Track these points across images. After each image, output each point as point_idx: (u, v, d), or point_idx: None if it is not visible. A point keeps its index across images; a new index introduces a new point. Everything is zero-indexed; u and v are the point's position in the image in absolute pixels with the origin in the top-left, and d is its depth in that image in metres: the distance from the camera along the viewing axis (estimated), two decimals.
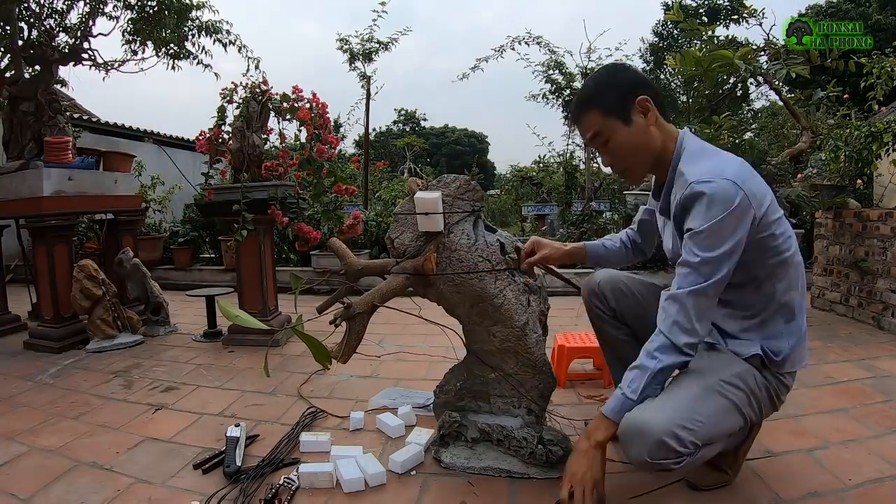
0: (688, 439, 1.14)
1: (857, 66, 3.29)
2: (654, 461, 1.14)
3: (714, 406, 1.20)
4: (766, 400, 1.29)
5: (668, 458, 1.14)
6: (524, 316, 1.46)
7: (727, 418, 1.22)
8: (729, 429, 1.24)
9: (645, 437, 1.13)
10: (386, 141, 23.17)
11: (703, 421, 1.16)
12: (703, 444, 1.17)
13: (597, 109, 1.28)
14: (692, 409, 1.17)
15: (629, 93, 1.25)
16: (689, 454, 1.15)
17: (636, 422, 1.17)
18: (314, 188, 2.99)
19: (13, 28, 3.29)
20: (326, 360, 1.33)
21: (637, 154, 1.29)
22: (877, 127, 3.25)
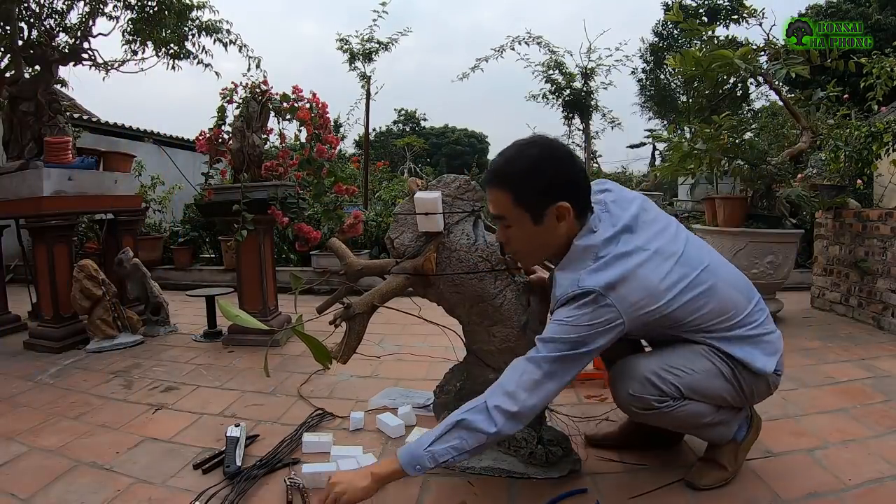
0: (671, 380, 1.25)
1: (857, 66, 3.29)
2: (636, 395, 1.26)
3: (699, 364, 1.28)
4: (755, 387, 1.34)
5: (651, 394, 1.25)
6: (524, 316, 1.46)
7: (713, 380, 1.28)
8: (716, 390, 1.29)
9: (631, 373, 1.28)
10: (386, 141, 23.16)
11: (688, 372, 1.26)
12: (687, 392, 1.26)
13: (509, 193, 1.19)
14: (678, 361, 1.28)
15: (551, 194, 1.18)
16: (673, 398, 1.26)
17: (626, 363, 1.31)
18: (314, 188, 2.99)
19: (13, 28, 3.29)
20: (327, 361, 1.33)
21: (536, 251, 1.29)
22: (877, 127, 3.25)
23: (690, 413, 1.29)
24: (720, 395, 1.31)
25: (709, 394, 1.30)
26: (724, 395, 1.31)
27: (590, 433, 1.72)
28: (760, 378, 1.33)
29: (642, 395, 1.26)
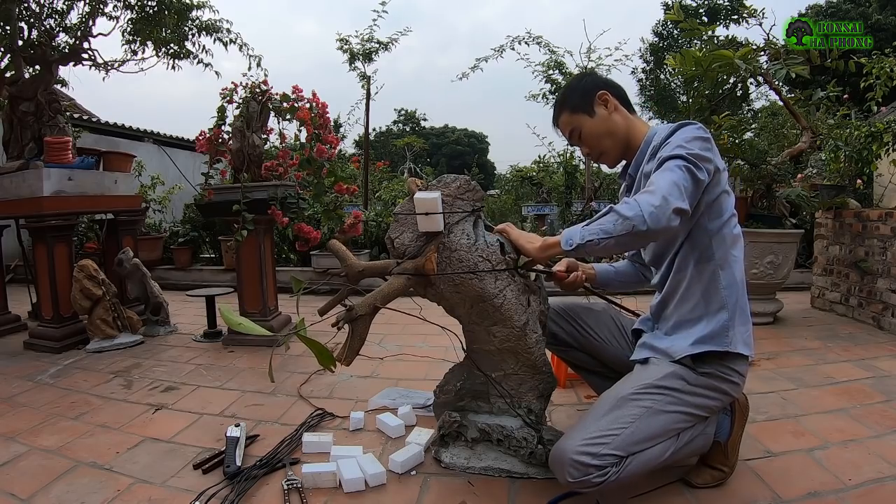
0: (603, 452, 1.19)
1: (857, 66, 3.29)
2: (574, 480, 1.19)
3: (629, 413, 1.24)
4: (712, 392, 1.30)
5: (588, 474, 1.18)
6: (524, 316, 1.46)
7: (652, 421, 1.24)
8: (662, 427, 1.25)
9: (561, 461, 1.21)
10: (386, 141, 23.17)
11: (617, 432, 1.21)
12: (626, 452, 1.21)
13: (566, 110, 1.47)
14: (602, 424, 1.23)
15: (590, 91, 1.43)
16: (613, 465, 1.20)
17: (554, 451, 1.26)
18: (314, 188, 2.99)
19: (13, 28, 3.29)
20: (330, 363, 1.33)
21: (604, 139, 1.44)
22: (877, 127, 3.25)
23: (643, 464, 1.23)
24: (668, 428, 1.26)
25: (653, 435, 1.24)
26: (672, 425, 1.27)
27: None
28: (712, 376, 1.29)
29: (580, 479, 1.19)
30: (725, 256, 1.32)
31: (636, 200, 1.16)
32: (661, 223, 1.13)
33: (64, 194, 2.95)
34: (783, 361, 2.49)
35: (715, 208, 1.31)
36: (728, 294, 1.31)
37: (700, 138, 1.25)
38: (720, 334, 1.29)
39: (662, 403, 1.26)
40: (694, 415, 1.30)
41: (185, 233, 5.71)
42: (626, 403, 1.26)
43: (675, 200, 1.14)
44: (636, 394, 1.27)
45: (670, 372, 1.29)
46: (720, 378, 1.30)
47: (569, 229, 1.26)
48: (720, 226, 1.32)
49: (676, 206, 1.14)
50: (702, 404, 1.30)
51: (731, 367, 1.31)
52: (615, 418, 1.24)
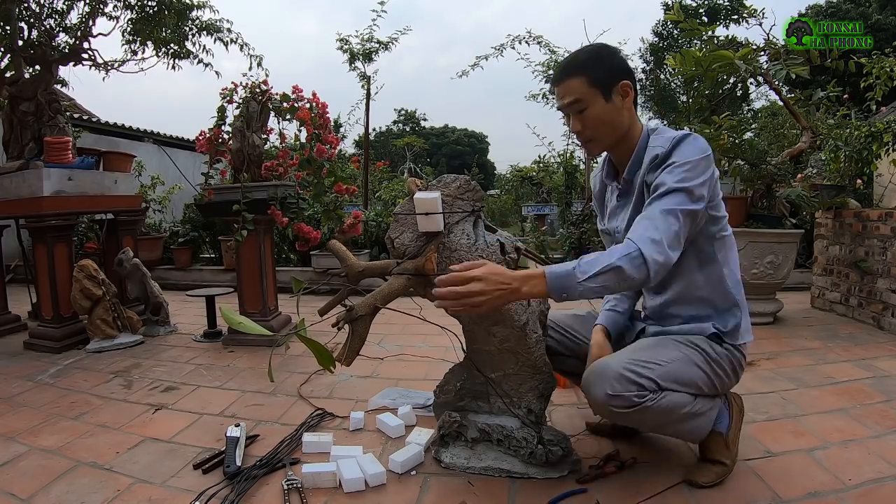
0: (647, 374, 1.25)
1: (857, 66, 3.29)
2: (615, 394, 1.23)
3: (671, 353, 1.32)
4: (728, 369, 1.38)
5: (630, 390, 1.23)
6: (524, 316, 1.46)
7: (686, 367, 1.31)
8: (691, 378, 1.31)
9: (605, 374, 1.25)
10: (386, 141, 23.18)
11: (660, 363, 1.28)
12: (664, 384, 1.26)
13: (584, 77, 1.34)
14: (648, 354, 1.30)
15: (618, 74, 1.35)
16: (653, 391, 1.25)
17: (598, 365, 1.30)
18: (314, 188, 2.99)
19: (13, 28, 3.29)
20: (330, 364, 1.33)
21: (606, 128, 1.38)
22: (877, 127, 3.25)
23: (670, 405, 1.28)
24: (695, 381, 1.33)
25: (684, 381, 1.31)
26: (698, 381, 1.33)
27: (589, 420, 1.78)
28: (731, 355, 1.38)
29: (622, 393, 1.23)
30: (727, 257, 1.40)
31: (644, 258, 1.16)
32: (661, 277, 1.22)
33: (64, 194, 2.95)
34: (783, 361, 2.49)
35: (715, 215, 1.36)
36: (736, 292, 1.40)
37: (702, 160, 1.27)
38: (733, 332, 1.40)
39: (697, 357, 1.33)
40: (712, 382, 1.35)
41: (185, 233, 5.71)
42: (668, 344, 1.35)
43: (674, 254, 1.21)
44: (676, 341, 1.36)
45: (702, 338, 1.38)
46: (734, 357, 1.39)
47: (556, 277, 1.17)
48: (720, 228, 1.38)
49: (674, 259, 1.21)
50: (720, 374, 1.36)
51: (742, 350, 1.41)
52: (659, 353, 1.31)
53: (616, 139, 1.40)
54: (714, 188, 1.32)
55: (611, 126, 1.38)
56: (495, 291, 1.17)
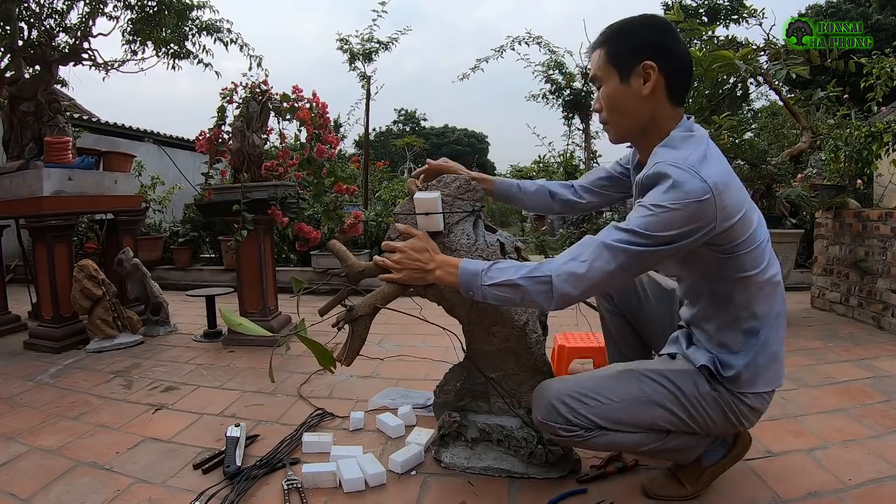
0: (579, 410, 1.18)
1: (857, 66, 3.29)
2: (544, 421, 1.21)
3: (625, 391, 1.20)
4: (716, 413, 1.19)
5: (557, 422, 1.19)
6: (524, 316, 1.46)
7: (641, 408, 1.19)
8: (646, 420, 1.20)
9: (540, 397, 1.23)
10: (386, 141, 23.17)
11: (605, 401, 1.19)
12: (602, 423, 1.19)
13: (605, 50, 1.19)
14: (597, 387, 1.21)
15: (641, 51, 1.14)
16: (584, 428, 1.19)
17: (540, 386, 1.28)
18: (314, 188, 2.99)
19: (13, 28, 3.29)
20: (330, 365, 1.33)
21: (618, 113, 1.20)
22: (877, 127, 3.25)
23: (612, 444, 1.21)
24: (654, 422, 1.20)
25: (635, 422, 1.20)
26: (658, 422, 1.20)
27: None
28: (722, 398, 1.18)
29: (549, 422, 1.19)
30: (751, 300, 1.16)
31: (553, 286, 1.08)
32: (563, 308, 1.13)
33: (64, 194, 2.95)
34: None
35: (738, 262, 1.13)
36: (751, 341, 1.18)
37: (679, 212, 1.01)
38: (734, 378, 1.18)
39: (663, 397, 1.19)
40: (689, 426, 1.21)
41: (185, 233, 5.71)
42: (628, 378, 1.22)
43: (596, 290, 1.12)
44: (644, 375, 1.22)
45: (687, 371, 1.21)
46: (731, 405, 1.19)
47: (469, 275, 1.18)
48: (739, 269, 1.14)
49: (595, 293, 1.17)
50: (702, 421, 1.20)
51: (745, 402, 1.19)
52: (610, 387, 1.21)
53: (631, 130, 1.21)
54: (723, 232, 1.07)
55: (623, 112, 1.19)
56: (411, 265, 1.25)
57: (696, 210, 1.02)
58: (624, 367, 1.27)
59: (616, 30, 1.20)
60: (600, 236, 1.09)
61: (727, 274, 1.15)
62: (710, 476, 1.35)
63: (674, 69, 1.15)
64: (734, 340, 1.20)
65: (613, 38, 1.19)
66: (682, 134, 1.14)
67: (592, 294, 1.13)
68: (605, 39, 1.20)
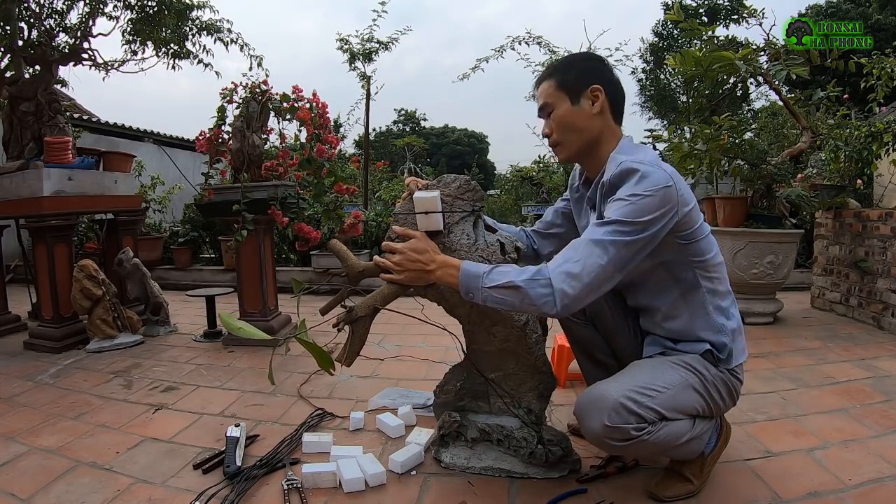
0: (647, 404, 1.18)
1: (857, 66, 3.29)
2: (613, 426, 1.15)
3: (670, 378, 1.24)
4: (724, 392, 1.31)
5: (629, 422, 1.16)
6: (524, 316, 1.46)
7: (685, 393, 1.24)
8: (690, 405, 1.25)
9: (602, 402, 1.18)
10: (386, 141, 23.18)
11: (660, 390, 1.21)
12: (664, 413, 1.20)
13: (553, 81, 1.35)
14: (648, 379, 1.23)
15: (586, 77, 1.31)
16: (652, 422, 1.18)
17: (593, 392, 1.24)
18: (314, 188, 2.99)
19: (13, 28, 3.29)
20: (330, 366, 1.33)
21: (572, 133, 1.34)
22: (877, 127, 3.25)
23: (669, 435, 1.22)
24: (693, 407, 1.26)
25: (684, 408, 1.24)
26: (696, 406, 1.27)
27: (571, 422, 1.73)
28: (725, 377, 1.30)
29: (620, 426, 1.15)
30: (713, 281, 1.30)
31: (553, 288, 1.11)
32: (572, 310, 1.15)
33: (64, 194, 2.95)
34: (783, 361, 2.49)
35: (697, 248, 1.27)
36: (717, 317, 1.31)
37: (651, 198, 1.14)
38: (727, 357, 1.30)
39: (695, 381, 1.26)
40: (709, 406, 1.29)
41: (185, 233, 5.71)
42: (665, 367, 1.27)
43: (593, 291, 1.14)
44: (674, 364, 1.28)
45: (697, 358, 1.29)
46: (730, 380, 1.31)
47: (468, 277, 1.21)
48: (698, 253, 1.28)
49: (593, 295, 1.15)
50: (715, 398, 1.29)
51: (737, 377, 1.33)
52: (658, 377, 1.24)
53: (582, 146, 1.35)
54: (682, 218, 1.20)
55: (576, 131, 1.33)
56: (411, 266, 1.29)
57: (664, 195, 1.15)
58: (653, 360, 1.32)
59: (563, 63, 1.40)
60: (587, 235, 1.17)
61: (690, 259, 1.27)
62: (710, 463, 1.40)
63: (614, 93, 1.34)
64: (709, 325, 1.30)
65: (561, 69, 1.36)
66: (631, 144, 1.33)
67: (590, 295, 1.14)
68: (554, 71, 1.37)
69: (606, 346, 1.57)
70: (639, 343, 1.46)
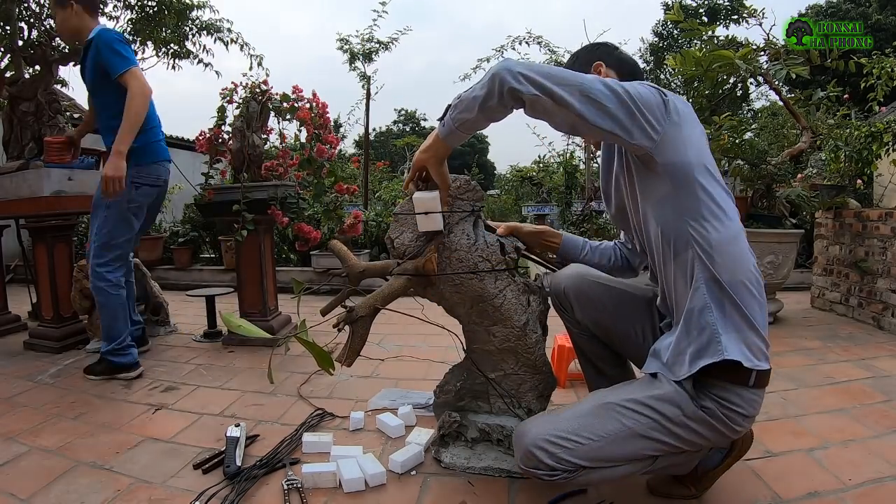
0: (561, 455, 1.11)
1: (857, 66, 3.29)
2: (525, 468, 1.17)
3: (606, 428, 1.12)
4: (706, 429, 1.11)
5: (539, 468, 1.14)
6: (524, 316, 1.46)
7: (624, 443, 1.12)
8: (631, 454, 1.13)
9: (519, 443, 1.19)
10: (386, 141, 23.18)
11: (585, 442, 1.11)
12: (585, 464, 1.12)
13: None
14: (576, 427, 1.13)
15: (588, 58, 1.36)
16: (566, 471, 1.13)
17: (518, 429, 1.23)
18: (314, 188, 2.99)
19: (13, 28, 3.29)
20: (330, 366, 1.33)
21: None
22: (877, 127, 3.25)
23: (601, 478, 1.16)
24: (642, 454, 1.14)
25: (623, 457, 1.14)
26: (647, 452, 1.14)
27: None
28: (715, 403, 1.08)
29: (528, 469, 1.14)
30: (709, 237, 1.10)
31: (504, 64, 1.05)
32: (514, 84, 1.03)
33: (64, 194, 2.94)
34: (783, 361, 2.49)
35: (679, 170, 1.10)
36: (708, 289, 1.09)
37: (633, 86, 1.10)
38: (710, 343, 1.08)
39: (646, 428, 1.11)
40: (678, 448, 1.14)
41: (185, 233, 5.71)
42: (608, 414, 1.14)
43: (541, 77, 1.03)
44: (623, 407, 1.13)
45: (668, 395, 1.11)
46: (720, 411, 1.09)
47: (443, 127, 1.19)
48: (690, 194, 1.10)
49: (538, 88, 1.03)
50: (691, 440, 1.12)
51: (737, 393, 1.08)
52: (590, 425, 1.13)
53: None
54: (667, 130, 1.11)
55: None
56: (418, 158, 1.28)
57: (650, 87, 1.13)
58: (602, 401, 1.17)
59: (569, 58, 1.48)
60: None
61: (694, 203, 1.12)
62: (711, 478, 1.34)
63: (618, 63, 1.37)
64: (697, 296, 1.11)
65: (567, 64, 1.43)
66: None
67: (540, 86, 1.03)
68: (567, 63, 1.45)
69: (609, 355, 1.52)
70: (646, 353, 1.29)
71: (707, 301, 1.10)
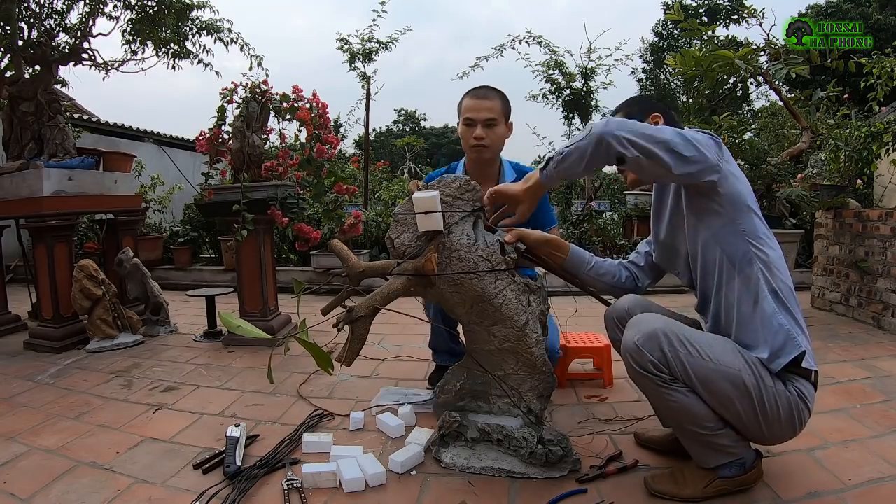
0: (679, 354, 1.19)
1: (857, 66, 3.29)
2: (639, 346, 1.21)
3: (723, 356, 1.21)
4: (784, 412, 1.23)
5: (653, 354, 1.20)
6: (524, 316, 1.46)
7: (728, 382, 1.20)
8: (723, 396, 1.20)
9: (647, 324, 1.24)
10: (386, 141, 23.18)
11: (704, 356, 1.20)
12: (691, 378, 1.20)
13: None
14: (701, 340, 1.23)
15: (648, 111, 1.50)
16: (672, 375, 1.20)
17: (649, 314, 1.30)
18: (314, 188, 2.99)
19: (13, 28, 3.28)
20: (329, 367, 1.33)
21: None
22: (877, 127, 3.25)
23: (683, 407, 1.21)
24: (729, 404, 1.21)
25: (716, 394, 1.20)
26: (734, 405, 1.21)
27: (639, 431, 1.69)
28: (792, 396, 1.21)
29: (643, 350, 1.20)
30: (767, 254, 1.27)
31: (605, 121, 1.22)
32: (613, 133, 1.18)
33: (64, 194, 2.95)
34: None
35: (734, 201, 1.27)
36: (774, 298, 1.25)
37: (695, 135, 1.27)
38: (786, 342, 1.22)
39: (750, 378, 1.20)
40: (752, 415, 1.22)
41: (185, 233, 5.71)
42: (728, 347, 1.24)
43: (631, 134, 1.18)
44: (741, 352, 1.24)
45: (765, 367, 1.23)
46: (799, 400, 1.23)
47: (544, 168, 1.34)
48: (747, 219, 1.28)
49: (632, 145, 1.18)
50: (769, 415, 1.22)
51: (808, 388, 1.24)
52: (711, 345, 1.22)
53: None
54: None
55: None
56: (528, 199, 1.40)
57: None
58: (726, 339, 1.28)
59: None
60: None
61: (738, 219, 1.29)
62: (716, 488, 1.33)
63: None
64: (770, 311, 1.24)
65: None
66: None
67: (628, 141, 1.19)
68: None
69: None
70: None
71: (775, 308, 1.25)
